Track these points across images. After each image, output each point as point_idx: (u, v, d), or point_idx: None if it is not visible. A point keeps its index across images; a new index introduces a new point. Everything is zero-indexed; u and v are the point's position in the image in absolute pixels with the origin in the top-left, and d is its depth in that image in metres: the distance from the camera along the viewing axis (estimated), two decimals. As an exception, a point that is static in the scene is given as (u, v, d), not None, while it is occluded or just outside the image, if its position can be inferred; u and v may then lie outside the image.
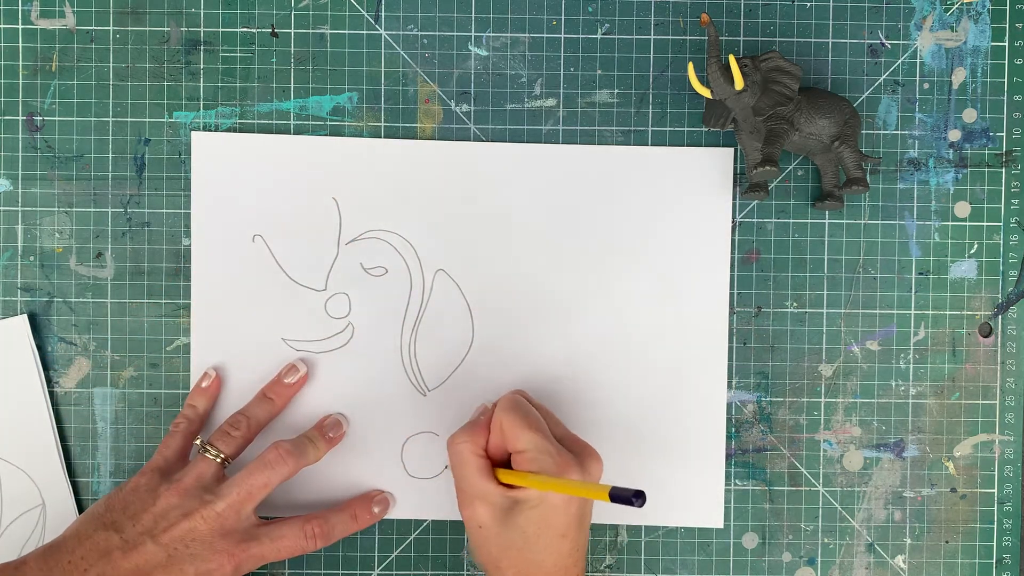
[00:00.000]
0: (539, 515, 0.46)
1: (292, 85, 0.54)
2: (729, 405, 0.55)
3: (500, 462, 0.49)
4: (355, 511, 0.52)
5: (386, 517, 0.54)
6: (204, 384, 0.53)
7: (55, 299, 0.54)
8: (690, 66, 0.51)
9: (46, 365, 0.54)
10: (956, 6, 0.54)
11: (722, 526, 0.55)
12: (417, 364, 0.54)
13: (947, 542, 0.55)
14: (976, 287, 0.55)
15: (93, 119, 0.54)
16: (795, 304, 0.55)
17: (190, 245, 0.54)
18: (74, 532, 0.48)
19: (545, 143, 0.54)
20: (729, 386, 0.55)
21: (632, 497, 0.41)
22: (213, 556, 0.47)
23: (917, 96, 0.54)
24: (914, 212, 0.55)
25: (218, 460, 0.50)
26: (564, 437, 0.49)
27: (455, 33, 0.54)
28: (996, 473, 0.55)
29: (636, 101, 0.54)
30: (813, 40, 0.54)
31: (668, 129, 0.54)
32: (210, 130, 0.54)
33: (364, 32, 0.54)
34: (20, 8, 0.54)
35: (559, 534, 0.47)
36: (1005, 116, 0.54)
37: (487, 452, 0.49)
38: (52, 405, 0.54)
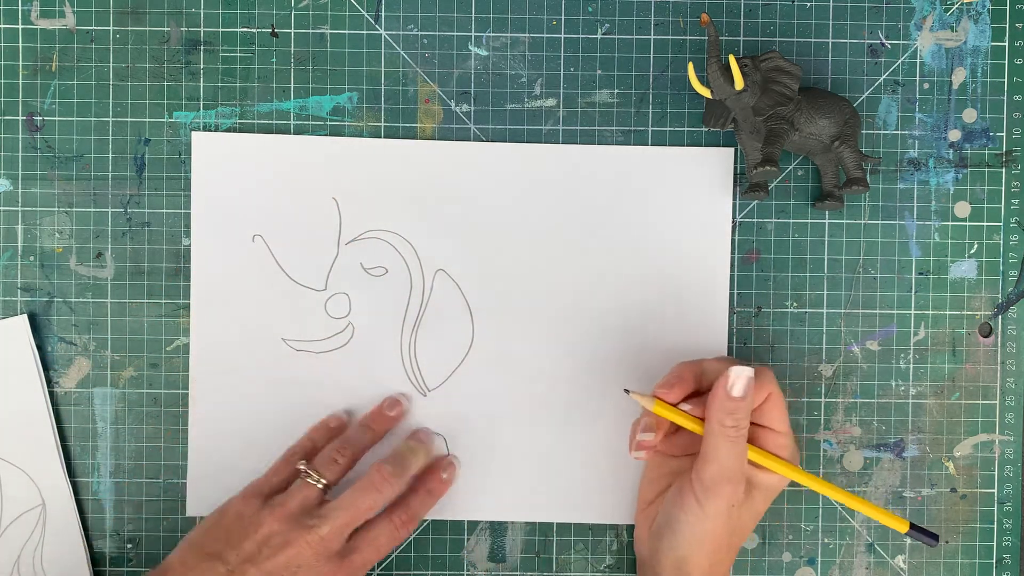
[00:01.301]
0: (763, 498, 0.48)
1: (292, 85, 0.54)
2: (729, 405, 0.55)
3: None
4: (428, 486, 0.52)
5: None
6: (333, 424, 0.53)
7: (55, 299, 0.54)
8: (690, 66, 0.51)
9: (46, 365, 0.54)
10: (956, 6, 0.54)
11: (722, 526, 0.54)
12: (417, 364, 0.54)
13: (947, 542, 0.55)
14: (976, 287, 0.55)
15: (93, 119, 0.54)
16: (795, 304, 0.55)
17: (190, 245, 0.54)
18: (179, 561, 0.48)
19: (545, 143, 0.54)
20: (729, 386, 0.55)
21: (932, 537, 0.49)
22: None
23: (917, 96, 0.54)
24: (914, 212, 0.55)
25: (320, 486, 0.49)
26: None
27: (455, 33, 0.54)
28: (996, 473, 0.55)
29: (636, 101, 0.54)
30: (813, 40, 0.54)
31: (668, 129, 0.54)
32: (210, 130, 0.54)
33: (364, 32, 0.54)
34: (20, 8, 0.54)
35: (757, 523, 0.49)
36: (1005, 116, 0.54)
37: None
38: (52, 405, 0.54)
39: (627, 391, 0.50)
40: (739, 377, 0.46)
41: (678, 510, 0.48)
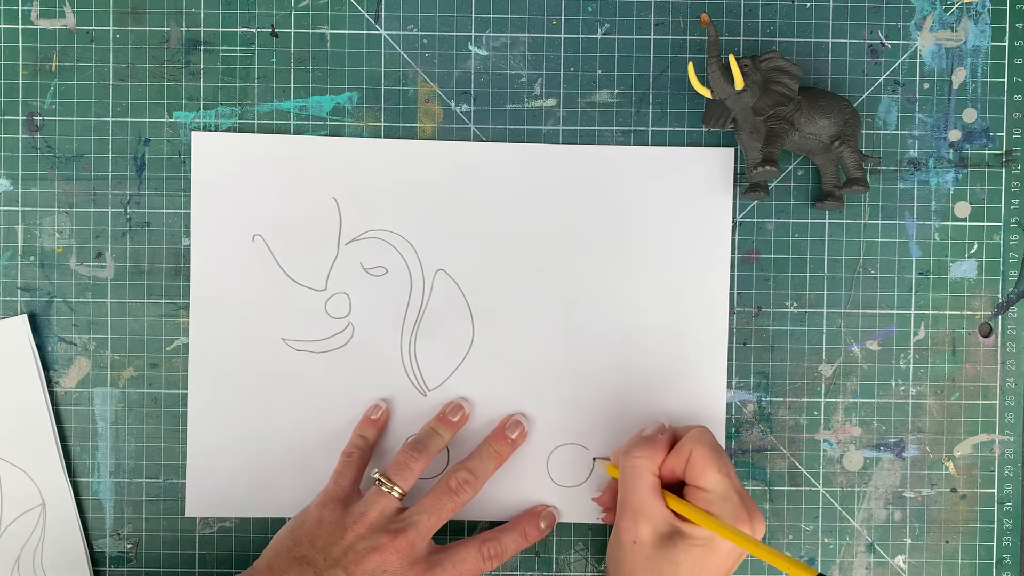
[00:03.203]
0: (700, 554, 0.46)
1: (292, 85, 0.54)
2: (729, 405, 0.55)
3: (666, 484, 0.49)
4: (524, 528, 0.52)
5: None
6: (374, 416, 0.53)
7: (55, 299, 0.54)
8: (690, 66, 0.51)
9: (46, 365, 0.54)
10: (956, 6, 0.54)
11: (722, 526, 0.54)
12: (417, 364, 0.54)
13: (947, 542, 0.55)
14: (976, 287, 0.55)
15: (93, 119, 0.54)
16: (795, 304, 0.55)
17: (190, 245, 0.54)
18: (266, 567, 0.48)
19: (545, 143, 0.54)
20: (729, 386, 0.55)
21: None
22: None
23: (917, 96, 0.54)
24: (914, 212, 0.55)
25: (395, 495, 0.50)
26: (739, 490, 0.48)
27: (455, 33, 0.54)
28: (996, 473, 0.55)
29: (636, 101, 0.54)
30: (813, 40, 0.54)
31: (668, 129, 0.54)
32: (210, 130, 0.54)
33: (364, 32, 0.54)
34: (20, 8, 0.54)
35: None
36: (1005, 116, 0.54)
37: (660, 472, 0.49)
38: (52, 405, 0.54)
39: (594, 459, 0.54)
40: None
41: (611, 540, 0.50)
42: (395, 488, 0.50)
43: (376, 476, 0.50)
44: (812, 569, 0.42)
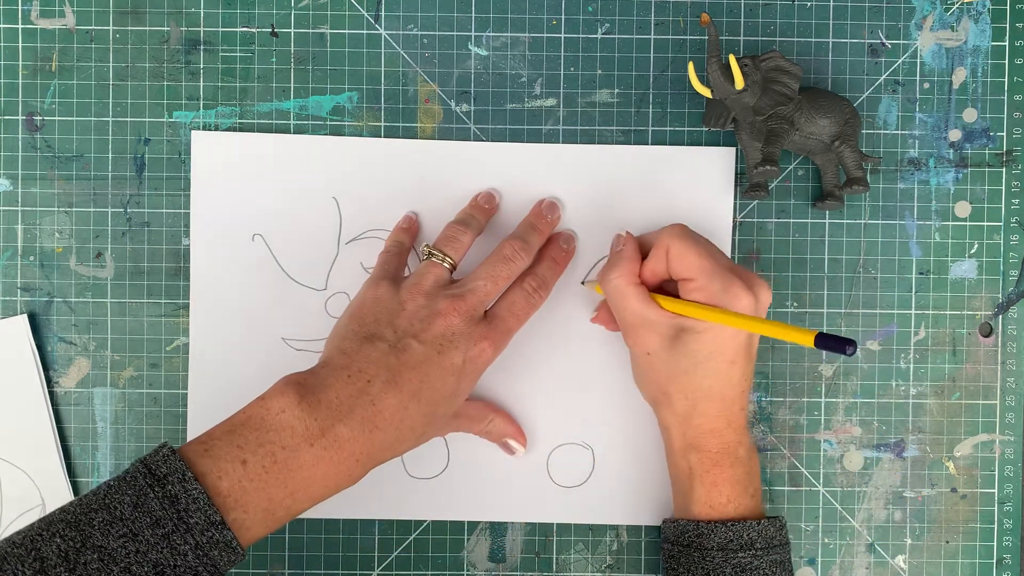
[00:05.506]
0: (708, 340, 0.47)
1: (292, 85, 0.54)
2: (729, 405, 0.55)
3: (654, 289, 0.50)
4: (551, 255, 0.53)
5: (385, 518, 0.54)
6: (405, 225, 0.53)
7: (55, 299, 0.54)
8: (690, 66, 0.51)
9: (46, 365, 0.54)
10: (956, 6, 0.54)
11: (722, 526, 0.54)
12: (417, 364, 0.54)
13: (947, 542, 0.55)
14: (976, 287, 0.55)
15: (93, 119, 0.54)
16: (795, 304, 0.55)
17: (190, 245, 0.54)
18: (337, 351, 0.47)
19: (545, 143, 0.54)
20: (729, 386, 0.54)
21: (844, 346, 0.40)
22: (475, 343, 0.48)
23: (917, 96, 0.54)
24: (914, 212, 0.55)
25: (447, 265, 0.50)
26: (730, 267, 0.48)
27: (455, 33, 0.54)
28: (996, 473, 0.55)
29: (636, 101, 0.54)
30: (813, 40, 0.54)
31: (668, 129, 0.54)
32: (210, 130, 0.54)
33: (364, 32, 0.54)
34: (20, 8, 0.54)
35: (728, 360, 0.48)
36: (1005, 116, 0.54)
37: (642, 279, 0.49)
38: (52, 405, 0.54)
39: (583, 283, 0.54)
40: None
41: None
42: (447, 259, 0.50)
43: (427, 248, 0.50)
44: (811, 331, 0.42)
